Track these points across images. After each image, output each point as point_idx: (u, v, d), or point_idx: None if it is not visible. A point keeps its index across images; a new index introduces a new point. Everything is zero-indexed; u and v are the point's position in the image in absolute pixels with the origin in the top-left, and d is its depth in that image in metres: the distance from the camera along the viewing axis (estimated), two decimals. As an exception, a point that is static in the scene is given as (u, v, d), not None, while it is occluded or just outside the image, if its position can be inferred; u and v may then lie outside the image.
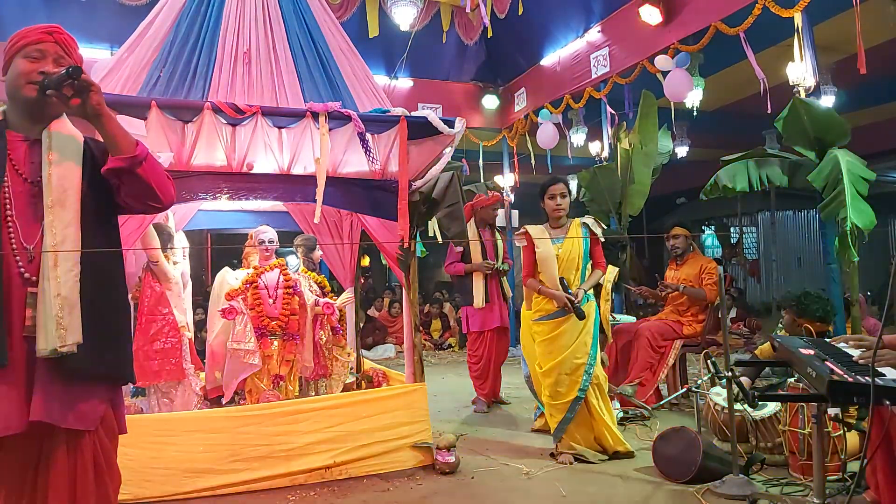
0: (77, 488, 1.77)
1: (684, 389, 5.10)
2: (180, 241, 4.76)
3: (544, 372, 3.98)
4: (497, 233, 5.84)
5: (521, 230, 4.13)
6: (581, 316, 3.86)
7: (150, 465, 3.39)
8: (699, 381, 4.28)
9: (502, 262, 5.66)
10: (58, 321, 1.72)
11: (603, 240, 4.13)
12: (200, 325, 5.96)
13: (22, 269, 1.76)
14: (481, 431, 4.81)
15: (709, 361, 3.69)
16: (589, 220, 4.11)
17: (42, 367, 1.72)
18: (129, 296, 4.31)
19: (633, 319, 5.53)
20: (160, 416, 3.84)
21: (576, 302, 3.85)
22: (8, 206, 1.77)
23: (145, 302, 4.28)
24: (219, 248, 6.46)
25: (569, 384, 3.90)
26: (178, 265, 4.58)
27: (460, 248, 5.54)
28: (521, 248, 4.21)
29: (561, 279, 3.91)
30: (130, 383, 4.25)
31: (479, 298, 5.46)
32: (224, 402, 4.22)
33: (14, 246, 1.76)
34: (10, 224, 1.76)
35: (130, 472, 3.32)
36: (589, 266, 4.06)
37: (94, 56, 7.52)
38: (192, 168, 3.66)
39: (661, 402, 5.17)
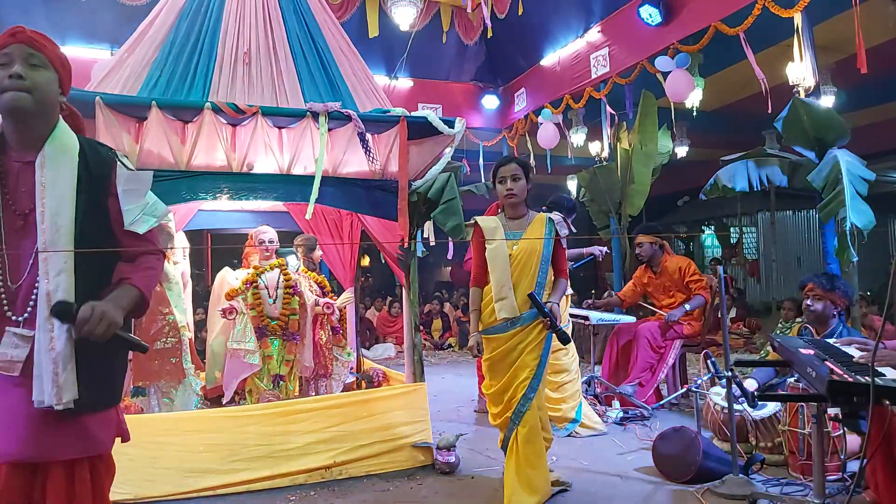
0: None
1: (684, 389, 5.12)
2: (180, 241, 4.75)
3: (490, 396, 3.32)
4: None
5: (471, 221, 3.46)
6: (565, 340, 3.22)
7: (151, 465, 3.39)
8: (699, 381, 4.29)
9: None
10: (53, 378, 1.66)
11: (565, 245, 3.43)
12: (201, 325, 5.96)
13: (8, 311, 1.71)
14: (481, 431, 4.81)
15: (708, 361, 3.68)
16: (556, 216, 3.36)
17: (22, 403, 1.68)
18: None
19: (632, 319, 5.53)
20: (160, 416, 3.84)
21: (556, 321, 3.15)
22: None
23: (145, 302, 4.28)
24: (219, 248, 6.46)
25: (506, 403, 3.23)
26: (178, 265, 4.58)
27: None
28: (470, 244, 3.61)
29: (531, 294, 3.12)
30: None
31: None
32: (224, 402, 4.22)
33: (0, 283, 1.71)
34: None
35: (131, 472, 3.33)
36: (549, 273, 3.28)
37: (95, 56, 7.54)
38: (192, 168, 3.66)
39: (661, 402, 5.18)
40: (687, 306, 5.14)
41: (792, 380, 3.62)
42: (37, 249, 1.71)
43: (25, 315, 1.72)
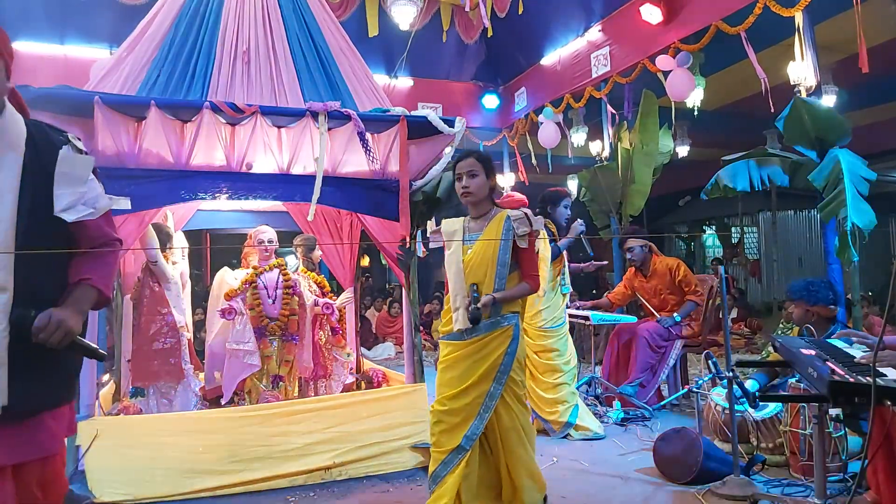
0: None
1: (685, 390, 5.11)
2: (179, 241, 4.75)
3: (433, 413, 2.90)
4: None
5: (437, 227, 3.16)
6: (474, 320, 2.75)
7: (150, 466, 3.38)
8: (700, 382, 4.27)
9: None
10: None
11: (526, 245, 2.90)
12: (200, 326, 5.95)
13: None
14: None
15: (710, 362, 3.66)
16: (516, 213, 2.93)
17: None
18: (128, 296, 4.34)
19: (633, 319, 5.52)
20: (159, 417, 3.83)
21: (475, 305, 2.77)
22: None
23: (144, 302, 4.27)
24: (218, 248, 6.45)
25: (452, 428, 2.81)
26: (177, 265, 4.57)
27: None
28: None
29: (472, 286, 2.81)
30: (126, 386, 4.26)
31: None
32: (223, 403, 4.21)
33: None
34: None
35: (130, 472, 3.33)
36: (514, 280, 2.90)
37: (94, 55, 7.54)
38: (191, 167, 3.65)
39: (662, 403, 5.16)
40: (677, 316, 5.15)
41: (793, 380, 3.61)
42: None
43: None
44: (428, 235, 3.16)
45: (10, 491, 1.64)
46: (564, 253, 4.68)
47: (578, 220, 4.76)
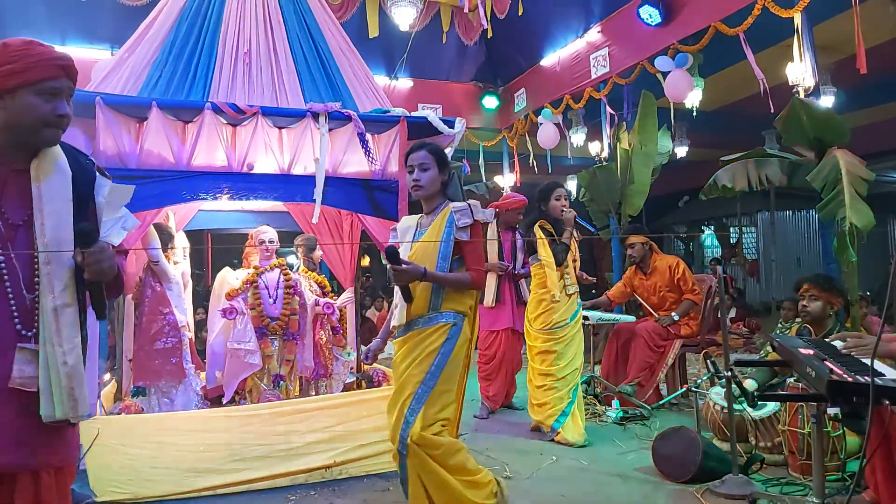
0: None
1: (684, 389, 5.12)
2: (181, 241, 4.76)
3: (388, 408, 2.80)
4: (518, 235, 5.64)
5: (392, 226, 3.09)
6: (392, 257, 2.56)
7: (151, 465, 3.40)
8: (699, 381, 4.29)
9: (521, 266, 5.46)
10: (69, 392, 1.66)
11: (466, 237, 2.74)
12: (201, 325, 5.97)
13: (19, 326, 1.65)
14: (482, 432, 4.82)
15: (708, 361, 3.68)
16: (459, 205, 2.79)
17: (10, 412, 1.64)
18: (130, 296, 4.35)
19: (632, 319, 5.53)
20: (161, 416, 3.84)
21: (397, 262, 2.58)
22: None
23: (146, 302, 4.29)
24: (219, 248, 6.46)
25: (392, 427, 2.70)
26: (178, 265, 4.58)
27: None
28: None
29: (389, 248, 2.62)
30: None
31: (489, 297, 5.31)
32: (224, 402, 4.23)
33: (12, 300, 1.65)
34: (4, 273, 1.64)
35: (131, 471, 3.34)
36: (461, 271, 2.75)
37: (95, 56, 7.54)
38: (192, 168, 3.67)
39: (661, 402, 5.18)
40: (675, 316, 5.17)
41: (792, 380, 3.63)
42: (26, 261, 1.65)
43: (34, 330, 1.67)
44: (391, 230, 3.04)
45: (31, 496, 1.69)
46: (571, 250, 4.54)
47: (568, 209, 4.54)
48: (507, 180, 10.80)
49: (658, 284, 5.37)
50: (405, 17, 7.99)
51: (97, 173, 1.85)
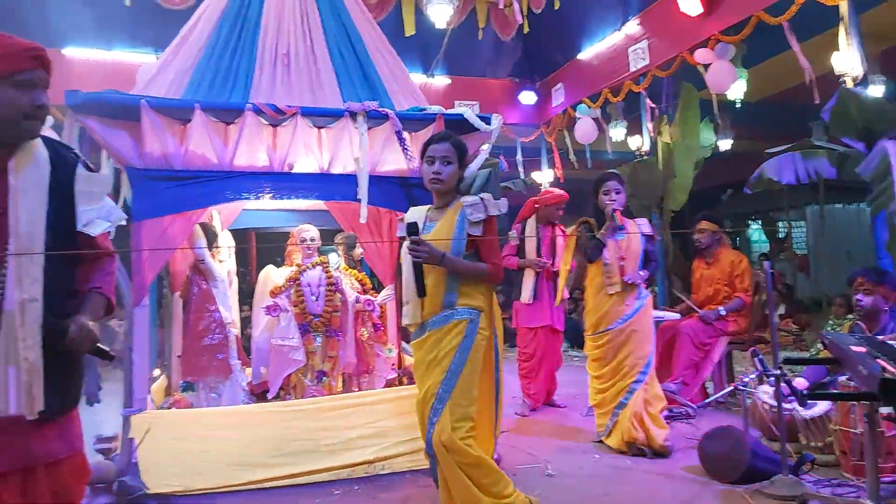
0: None
1: (731, 388, 5.01)
2: (225, 240, 4.86)
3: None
4: (558, 230, 5.56)
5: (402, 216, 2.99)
6: (413, 229, 2.56)
7: (200, 458, 3.48)
8: (746, 379, 4.19)
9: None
10: (26, 388, 1.66)
11: (478, 232, 2.70)
12: (246, 322, 6.07)
13: None
14: (524, 428, 4.80)
15: (756, 359, 3.59)
16: (471, 199, 2.74)
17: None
18: (178, 293, 4.46)
19: (676, 316, 5.44)
20: (208, 411, 3.93)
21: (417, 239, 2.56)
22: None
23: (193, 299, 4.39)
24: (263, 246, 6.57)
25: (420, 430, 2.70)
26: (223, 263, 4.68)
27: (516, 242, 5.39)
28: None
29: (410, 224, 2.58)
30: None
31: (526, 294, 5.30)
32: (269, 398, 4.30)
33: None
34: None
35: (181, 464, 3.44)
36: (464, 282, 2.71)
37: (140, 60, 7.74)
38: (235, 168, 3.75)
39: (707, 401, 5.09)
40: (722, 310, 5.05)
41: (843, 378, 3.52)
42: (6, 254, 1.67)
43: None
44: (399, 221, 2.96)
45: (47, 487, 1.73)
46: (611, 245, 4.15)
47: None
48: (545, 176, 10.73)
49: (716, 276, 5.26)
50: (441, 15, 7.98)
51: (79, 164, 1.86)
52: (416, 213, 2.87)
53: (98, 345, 1.78)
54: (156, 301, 4.47)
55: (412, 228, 2.56)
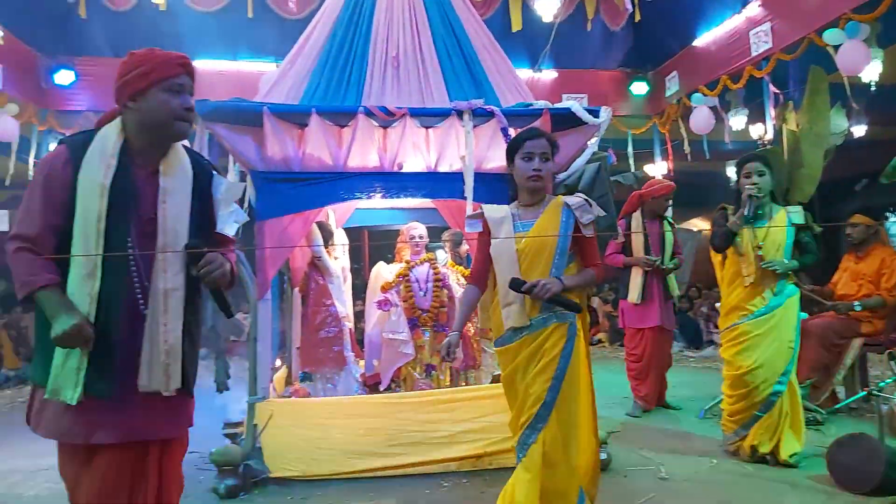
0: (163, 489, 1.94)
1: (865, 392, 4.64)
2: (340, 238, 5.08)
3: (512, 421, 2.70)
4: (668, 225, 5.34)
5: (477, 210, 2.82)
6: (517, 284, 2.49)
7: (317, 446, 3.67)
8: (882, 384, 3.88)
9: (670, 259, 5.15)
10: (164, 368, 1.86)
11: (592, 233, 2.66)
12: (359, 316, 6.32)
13: (142, 306, 1.87)
14: (634, 430, 4.68)
15: (893, 362, 3.31)
16: (574, 199, 2.68)
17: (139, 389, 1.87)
18: (297, 288, 4.72)
19: (804, 315, 5.09)
20: (325, 401, 4.14)
21: (530, 287, 2.49)
22: (131, 244, 1.87)
23: (310, 294, 4.64)
24: (374, 244, 6.81)
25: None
26: (338, 260, 4.90)
27: (621, 240, 5.15)
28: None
29: (514, 280, 2.50)
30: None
31: (634, 293, 5.08)
32: (381, 389, 4.45)
33: (136, 283, 1.87)
34: (132, 260, 1.87)
35: (299, 450, 3.63)
36: (573, 269, 2.65)
37: (262, 69, 8.22)
38: (348, 169, 3.91)
39: (838, 406, 4.74)
40: (857, 304, 4.67)
41: None
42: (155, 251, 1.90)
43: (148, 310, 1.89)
44: (467, 218, 2.81)
45: (156, 461, 1.94)
46: (746, 234, 3.83)
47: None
48: (658, 169, 10.37)
49: (864, 272, 4.89)
50: (548, 8, 7.91)
51: (214, 172, 2.09)
52: (500, 212, 2.72)
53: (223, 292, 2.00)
54: (278, 296, 4.74)
55: (516, 284, 2.49)
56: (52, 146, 8.22)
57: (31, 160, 8.42)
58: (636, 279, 5.09)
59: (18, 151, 8.19)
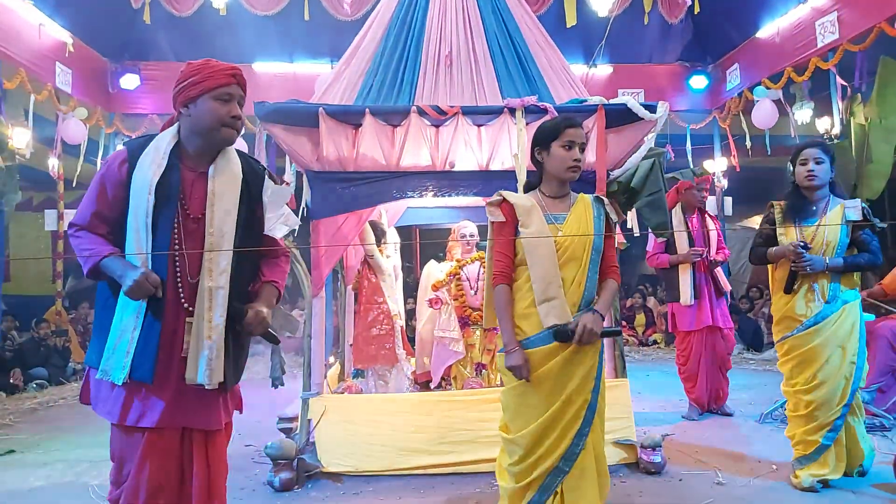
0: (211, 476, 2.04)
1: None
2: (392, 237, 5.13)
3: (517, 441, 2.51)
4: (710, 219, 5.19)
5: (497, 197, 2.59)
6: (564, 335, 2.36)
7: (369, 442, 3.72)
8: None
9: (717, 252, 5.00)
10: (208, 361, 1.96)
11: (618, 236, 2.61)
12: (411, 314, 6.37)
13: (184, 301, 1.99)
14: (690, 433, 4.57)
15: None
16: (603, 197, 2.63)
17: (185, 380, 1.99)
18: (350, 286, 4.79)
19: (871, 317, 4.86)
20: (377, 397, 4.19)
21: (579, 335, 2.35)
22: (177, 241, 1.99)
23: (363, 292, 4.70)
24: (426, 242, 6.85)
25: (550, 445, 2.43)
26: (390, 258, 4.95)
27: (663, 239, 4.98)
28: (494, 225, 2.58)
29: (560, 331, 2.35)
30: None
31: (685, 294, 4.84)
32: (432, 387, 4.48)
33: (179, 279, 1.99)
34: (177, 259, 1.98)
35: (352, 446, 3.69)
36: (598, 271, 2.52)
37: (318, 70, 8.38)
38: (400, 168, 3.94)
39: (907, 412, 4.51)
40: None
41: None
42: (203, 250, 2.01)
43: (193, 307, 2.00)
44: (487, 204, 2.61)
45: (203, 449, 2.05)
46: (791, 233, 3.39)
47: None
48: (717, 164, 10.08)
49: None
50: (604, 2, 7.79)
51: (266, 176, 2.18)
52: (527, 201, 2.53)
53: (269, 329, 2.10)
54: (332, 293, 4.82)
55: (563, 336, 2.36)
56: (119, 148, 8.62)
57: (99, 161, 8.80)
58: (685, 279, 4.88)
59: (86, 153, 8.57)
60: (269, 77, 9.18)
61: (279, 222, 2.18)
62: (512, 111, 3.79)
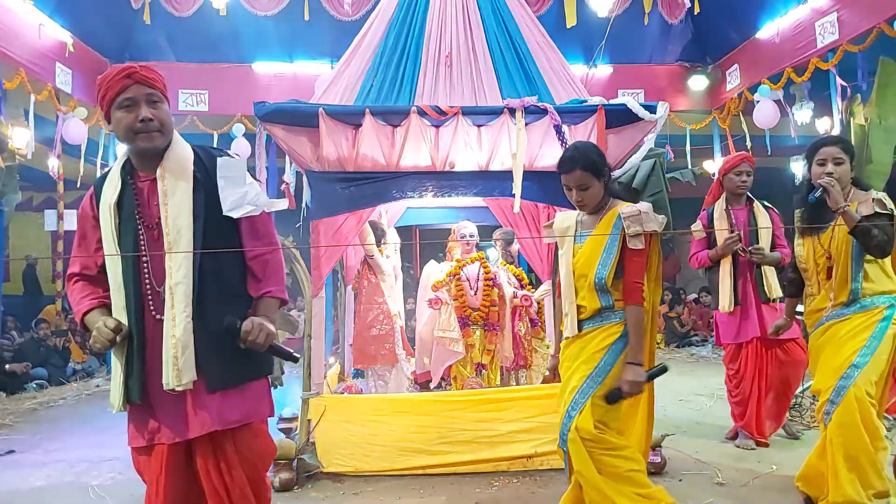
0: (227, 483, 1.98)
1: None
2: (392, 237, 5.13)
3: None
4: (764, 210, 4.21)
5: (549, 221, 2.88)
6: (614, 397, 2.51)
7: (369, 442, 3.72)
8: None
9: (772, 248, 4.11)
10: (173, 362, 1.87)
11: (640, 246, 2.52)
12: (411, 314, 6.37)
13: (153, 311, 1.95)
14: (691, 434, 4.56)
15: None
16: (629, 209, 2.57)
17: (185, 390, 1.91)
18: (350, 286, 4.80)
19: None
20: (377, 397, 4.19)
21: (626, 394, 2.52)
22: (143, 251, 1.95)
23: (363, 292, 4.70)
24: (425, 243, 6.85)
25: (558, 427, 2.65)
26: (390, 258, 4.95)
27: (703, 236, 4.32)
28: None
29: (608, 396, 2.52)
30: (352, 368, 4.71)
31: (724, 299, 4.10)
32: (432, 387, 4.48)
33: (148, 289, 1.95)
34: (144, 269, 1.95)
35: (351, 446, 3.69)
36: (619, 286, 2.57)
37: (318, 70, 8.37)
38: (400, 169, 3.94)
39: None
40: None
41: None
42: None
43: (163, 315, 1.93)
44: (543, 227, 2.87)
45: (210, 456, 1.97)
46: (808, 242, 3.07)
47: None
48: (717, 165, 10.08)
49: None
50: (604, 3, 7.79)
51: (219, 157, 2.03)
52: (568, 220, 2.75)
53: (276, 343, 2.01)
54: (332, 293, 4.83)
55: (611, 398, 2.51)
56: (119, 148, 8.59)
57: (99, 161, 8.80)
58: (725, 280, 4.13)
59: (86, 153, 8.57)
60: (269, 77, 9.17)
61: (241, 200, 1.97)
62: (512, 111, 3.79)
